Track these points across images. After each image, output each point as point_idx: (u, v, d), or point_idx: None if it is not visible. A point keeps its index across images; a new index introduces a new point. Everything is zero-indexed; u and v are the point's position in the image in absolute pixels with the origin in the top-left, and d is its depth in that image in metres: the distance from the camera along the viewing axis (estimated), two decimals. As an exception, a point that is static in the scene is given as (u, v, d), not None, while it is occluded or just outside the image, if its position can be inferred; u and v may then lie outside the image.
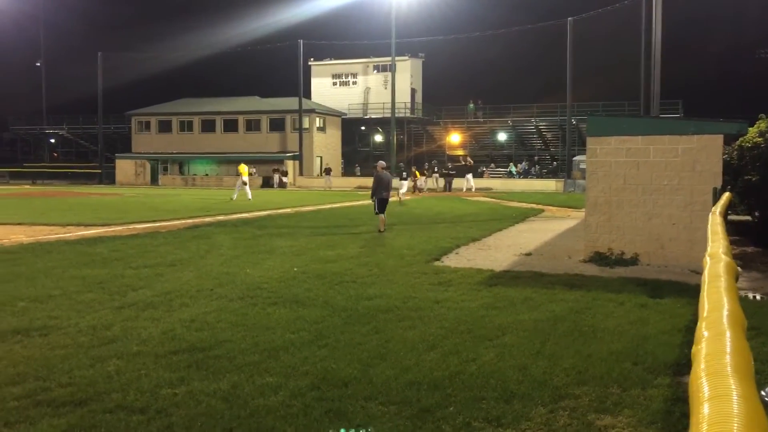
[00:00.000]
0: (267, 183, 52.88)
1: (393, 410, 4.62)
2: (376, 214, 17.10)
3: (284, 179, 51.46)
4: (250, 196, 31.40)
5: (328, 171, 52.56)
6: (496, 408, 4.64)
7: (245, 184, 31.78)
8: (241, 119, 58.63)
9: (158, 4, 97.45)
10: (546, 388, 5.03)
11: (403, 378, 5.27)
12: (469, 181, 43.23)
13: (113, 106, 62.86)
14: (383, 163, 18.74)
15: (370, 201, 17.99)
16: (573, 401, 4.78)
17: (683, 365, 5.50)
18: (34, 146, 74.15)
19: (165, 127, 60.94)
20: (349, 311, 7.61)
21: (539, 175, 54.45)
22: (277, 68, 64.79)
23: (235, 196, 31.62)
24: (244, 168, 32.68)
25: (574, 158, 48.44)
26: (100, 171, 61.53)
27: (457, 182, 44.41)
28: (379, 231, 16.52)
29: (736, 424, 1.14)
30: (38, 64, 71.28)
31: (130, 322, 7.06)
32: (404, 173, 38.01)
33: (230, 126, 58.95)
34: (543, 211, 25.23)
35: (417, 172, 43.24)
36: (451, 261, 11.80)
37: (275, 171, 52.24)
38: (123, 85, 63.81)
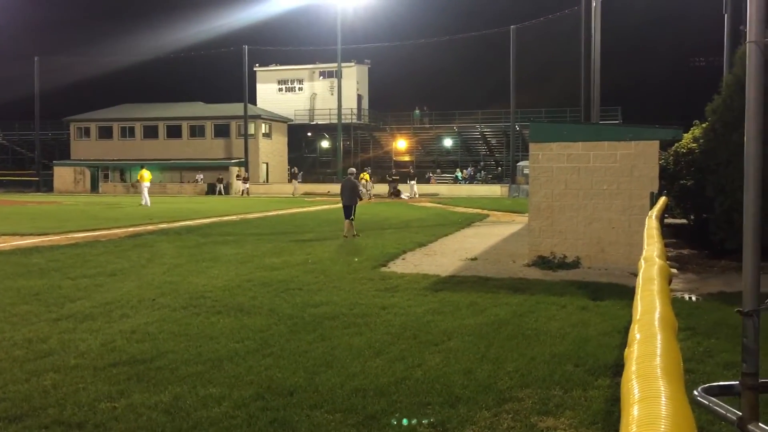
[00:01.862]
0: (212, 190, 52.15)
1: (339, 418, 4.60)
2: (346, 219, 17.31)
3: (245, 186, 50.13)
4: (144, 203, 32.18)
5: (294, 175, 51.55)
6: (442, 413, 4.66)
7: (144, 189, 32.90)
8: (184, 125, 57.68)
9: (99, 7, 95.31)
10: (490, 392, 5.08)
11: (349, 385, 5.25)
12: (413, 187, 43.55)
13: (51, 111, 61.06)
14: (351, 169, 19.03)
15: (321, 207, 18.22)
16: (516, 404, 4.84)
17: (623, 366, 5.62)
18: (-33, 153, 71.43)
19: (105, 133, 59.51)
20: (295, 319, 7.55)
21: (484, 181, 55.17)
22: (222, 74, 64.10)
23: (143, 202, 32.42)
24: (144, 174, 34.03)
25: (518, 164, 49.24)
26: (37, 179, 59.67)
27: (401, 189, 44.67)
28: (349, 237, 16.69)
29: (663, 426, 1.17)
30: (-30, 68, 68.71)
31: (67, 335, 6.85)
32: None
33: (174, 132, 57.93)
34: (488, 216, 25.55)
35: (365, 175, 42.78)
36: (397, 267, 11.84)
37: (238, 178, 50.79)
38: (61, 90, 62.06)
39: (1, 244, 15.14)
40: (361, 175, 41.63)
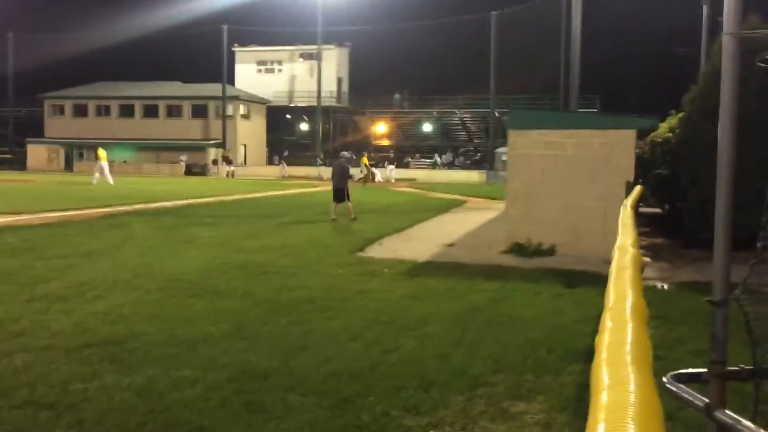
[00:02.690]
0: (189, 171, 51.73)
1: (312, 401, 4.61)
2: (334, 201, 17.29)
3: (230, 168, 48.87)
4: (94, 182, 32.43)
5: (281, 155, 51.00)
6: (415, 396, 4.70)
7: (102, 169, 33.20)
8: (162, 105, 57.12)
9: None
10: (464, 377, 5.13)
11: (324, 369, 5.26)
12: (391, 171, 43.60)
13: (25, 88, 60.07)
14: (344, 153, 19.00)
15: (300, 191, 18.33)
16: (489, 389, 4.89)
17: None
18: (-63, 129, 70.02)
19: (80, 111, 58.73)
20: (271, 302, 7.54)
21: (463, 167, 55.34)
22: (200, 54, 63.24)
23: (94, 181, 32.53)
24: (102, 152, 34.25)
25: (497, 150, 49.42)
26: (10, 156, 58.75)
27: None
28: (353, 219, 16.76)
29: (631, 411, 1.19)
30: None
31: (39, 315, 6.78)
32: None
33: (150, 112, 57.36)
34: (466, 202, 25.64)
35: (364, 159, 42.08)
36: (374, 252, 11.86)
37: (224, 158, 49.86)
38: (36, 67, 60.88)
39: (-28, 222, 14.92)
40: (362, 159, 41.32)
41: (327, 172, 47.43)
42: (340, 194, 17.27)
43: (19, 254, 10.61)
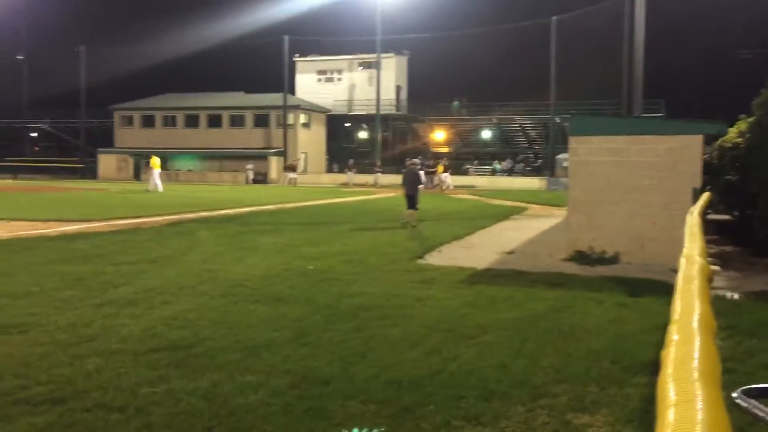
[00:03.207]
0: (254, 179, 52.57)
1: (373, 409, 4.63)
2: (408, 209, 17.77)
3: (292, 176, 48.86)
4: (151, 188, 34.16)
5: (350, 166, 50.75)
6: (476, 406, 4.66)
7: (154, 176, 34.80)
8: (225, 115, 58.31)
9: (145, 0, 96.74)
10: (525, 387, 5.07)
11: (384, 376, 5.28)
12: (447, 179, 43.26)
13: (96, 100, 62.22)
14: (415, 161, 19.98)
15: (360, 198, 19.17)
16: (551, 400, 4.82)
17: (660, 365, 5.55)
18: (16, 140, 73.25)
19: (148, 122, 60.53)
20: (332, 309, 7.61)
21: (523, 173, 54.69)
22: (262, 64, 64.45)
23: (151, 188, 34.37)
24: (156, 160, 35.74)
25: (558, 156, 48.65)
26: (82, 165, 61.00)
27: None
28: (403, 224, 17.24)
29: (699, 429, 1.16)
30: (20, 57, 70.43)
31: (109, 320, 7.02)
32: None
33: (214, 122, 58.62)
34: (526, 209, 25.36)
35: (440, 167, 42.21)
36: (434, 259, 11.84)
37: (287, 168, 50.32)
38: (106, 80, 63.19)
39: (46, 229, 15.54)
40: (437, 167, 41.91)
41: (384, 179, 47.88)
42: (410, 201, 17.64)
43: (90, 260, 11.00)
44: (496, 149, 61.87)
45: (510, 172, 55.21)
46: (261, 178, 52.58)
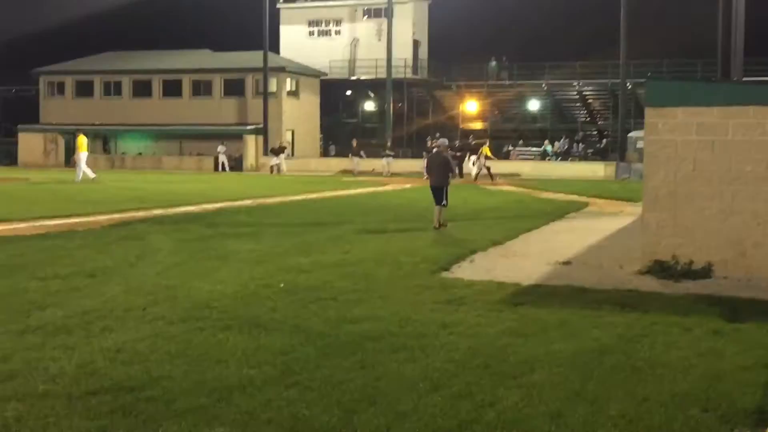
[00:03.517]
0: (217, 163, 52.53)
1: (383, 472, 4.63)
2: (436, 205, 17.82)
3: (275, 161, 49.33)
4: (79, 179, 34.54)
5: (356, 151, 50.14)
6: (521, 469, 4.66)
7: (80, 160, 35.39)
8: (186, 80, 58.48)
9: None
10: (587, 443, 5.06)
11: (398, 428, 5.28)
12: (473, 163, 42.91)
13: (14, 61, 62.55)
14: (444, 141, 19.57)
15: (365, 190, 18.87)
16: (622, 460, 4.81)
17: (769, 413, 5.53)
18: None
19: (85, 90, 60.76)
20: (328, 338, 7.62)
21: (583, 157, 54.56)
22: (235, 13, 64.65)
23: (79, 178, 34.74)
24: (83, 140, 36.16)
25: (630, 134, 48.52)
26: (-3, 147, 61.39)
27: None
28: (440, 227, 17.35)
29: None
30: None
31: (35, 352, 7.04)
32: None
33: (172, 89, 58.79)
34: (588, 205, 25.30)
35: (485, 148, 42.07)
36: (464, 272, 11.83)
37: (273, 151, 50.22)
38: (29, 34, 63.54)
39: (-49, 232, 15.62)
40: (482, 148, 41.60)
41: (397, 165, 47.82)
42: (438, 194, 17.64)
43: (8, 273, 11.04)
44: (547, 125, 61.81)
45: (566, 155, 55.13)
46: (234, 164, 52.71)
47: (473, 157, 42.65)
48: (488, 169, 40.47)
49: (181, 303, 9.21)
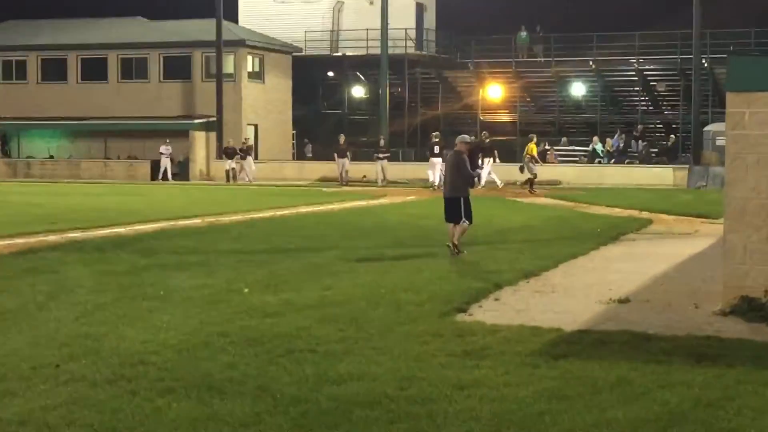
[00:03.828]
0: (156, 168, 52.12)
1: None
2: (447, 222, 18.01)
3: (232, 165, 49.57)
4: None
5: (342, 151, 49.44)
6: None
7: None
8: (112, 58, 58.40)
9: None
10: None
11: None
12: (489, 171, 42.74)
13: None
14: (464, 137, 19.46)
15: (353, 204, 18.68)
16: None
17: None
18: None
19: (-28, 72, 60.65)
20: (304, 405, 7.59)
21: (645, 158, 54.57)
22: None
23: None
24: None
25: (707, 128, 48.53)
26: None
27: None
28: (453, 252, 17.41)
29: None
30: None
31: None
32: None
33: (93, 71, 58.70)
34: (651, 222, 25.29)
35: (531, 146, 41.79)
36: (486, 313, 11.80)
37: (227, 151, 50.00)
38: None
39: None
40: (527, 147, 41.12)
41: (395, 170, 47.70)
42: (452, 208, 17.71)
43: None
44: (595, 116, 61.72)
45: (621, 156, 55.15)
46: (178, 170, 52.51)
47: (487, 160, 42.61)
48: (534, 175, 40.17)
49: (107, 358, 9.16)
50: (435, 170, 40.02)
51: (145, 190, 42.10)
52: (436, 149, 41.13)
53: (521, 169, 41.26)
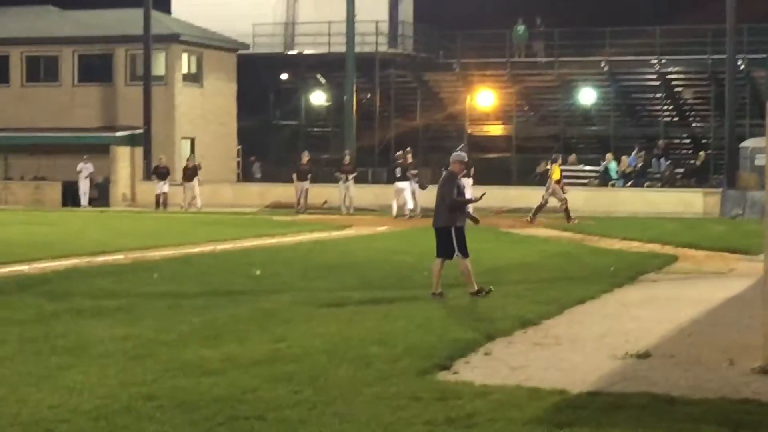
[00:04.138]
0: (72, 193, 52.03)
1: None
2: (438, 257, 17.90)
3: (163, 188, 49.57)
4: None
5: (303, 172, 49.45)
6: None
7: None
8: (15, 56, 58.47)
9: None
10: None
11: None
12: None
13: None
14: (460, 154, 19.26)
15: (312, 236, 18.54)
16: None
17: None
18: None
19: None
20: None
21: (669, 180, 54.92)
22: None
23: None
24: None
25: (744, 144, 48.82)
26: None
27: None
28: (473, 293, 17.61)
29: None
30: None
31: None
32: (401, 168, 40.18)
33: (-6, 71, 58.76)
34: (676, 259, 25.46)
35: (555, 168, 41.40)
36: (474, 371, 11.84)
37: (158, 171, 49.87)
38: None
39: None
40: (552, 167, 40.57)
41: (363, 194, 47.74)
42: (442, 241, 17.79)
43: None
44: (608, 129, 62.03)
45: (640, 177, 55.44)
46: (97, 194, 52.43)
47: (468, 180, 42.58)
48: (564, 200, 39.72)
49: (5, 428, 9.11)
50: (401, 197, 40.10)
51: (55, 218, 42.00)
52: (398, 172, 41.05)
53: (545, 198, 40.60)
